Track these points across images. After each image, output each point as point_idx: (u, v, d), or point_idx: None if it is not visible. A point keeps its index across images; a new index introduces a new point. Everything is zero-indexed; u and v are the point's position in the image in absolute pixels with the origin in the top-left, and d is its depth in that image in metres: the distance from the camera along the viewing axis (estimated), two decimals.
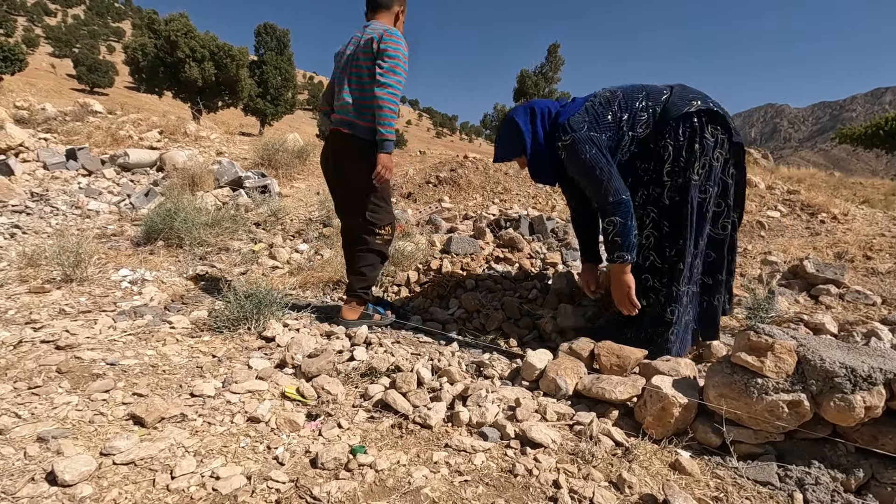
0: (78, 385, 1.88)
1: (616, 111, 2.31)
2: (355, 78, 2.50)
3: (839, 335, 2.74)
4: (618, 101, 2.33)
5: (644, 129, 2.31)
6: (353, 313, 2.72)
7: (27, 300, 2.74)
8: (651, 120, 2.31)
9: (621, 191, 2.20)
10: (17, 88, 14.43)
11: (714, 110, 2.28)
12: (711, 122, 2.27)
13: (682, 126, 2.25)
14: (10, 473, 1.36)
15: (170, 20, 24.28)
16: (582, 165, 2.24)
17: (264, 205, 5.15)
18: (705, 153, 2.25)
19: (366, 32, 2.50)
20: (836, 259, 4.10)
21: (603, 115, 2.30)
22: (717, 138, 2.27)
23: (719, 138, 2.27)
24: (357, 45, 2.51)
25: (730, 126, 2.30)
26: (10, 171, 5.60)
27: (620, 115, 2.30)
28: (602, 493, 1.47)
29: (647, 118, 2.31)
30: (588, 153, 2.21)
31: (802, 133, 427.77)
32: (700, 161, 2.25)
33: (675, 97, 2.32)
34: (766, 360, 1.68)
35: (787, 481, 1.61)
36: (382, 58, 2.39)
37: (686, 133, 2.25)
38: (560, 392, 2.08)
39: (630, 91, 2.36)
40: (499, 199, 6.00)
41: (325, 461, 1.52)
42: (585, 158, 2.22)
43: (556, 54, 29.23)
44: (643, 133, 2.31)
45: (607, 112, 2.30)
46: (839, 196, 6.97)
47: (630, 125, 2.30)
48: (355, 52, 2.50)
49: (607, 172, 2.20)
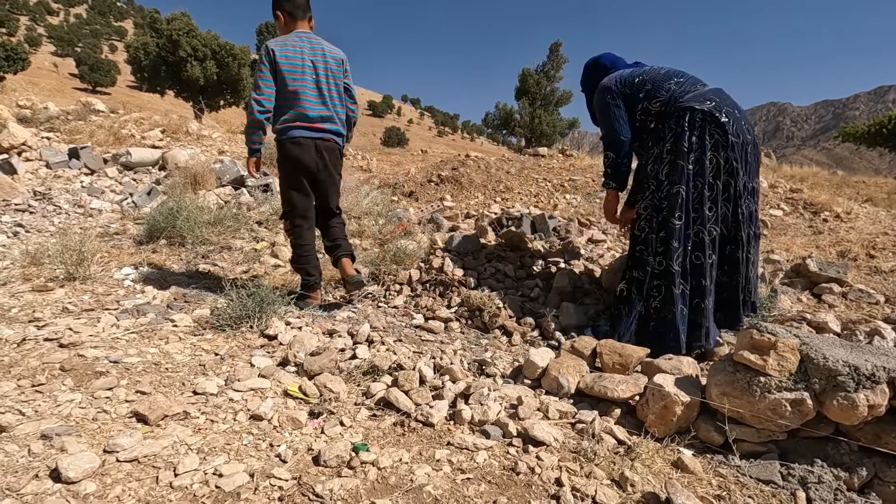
0: (81, 383, 1.89)
1: (643, 79, 2.60)
2: (336, 92, 2.82)
3: (842, 334, 2.73)
4: (652, 73, 2.62)
5: (657, 106, 2.54)
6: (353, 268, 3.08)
7: (30, 298, 2.75)
8: (665, 102, 2.52)
9: (621, 132, 2.61)
10: (20, 88, 14.47)
11: (716, 116, 2.39)
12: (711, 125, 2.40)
13: (686, 117, 2.42)
14: (15, 470, 1.37)
15: (172, 19, 24.31)
16: (599, 107, 2.70)
17: (266, 203, 5.15)
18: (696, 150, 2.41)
19: (326, 48, 2.78)
20: (839, 258, 4.09)
21: (632, 77, 2.63)
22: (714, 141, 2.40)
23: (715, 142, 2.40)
24: (325, 59, 2.76)
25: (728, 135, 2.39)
26: (13, 170, 5.61)
27: (643, 82, 2.59)
28: (604, 492, 1.47)
29: (665, 98, 2.53)
30: (605, 99, 2.65)
31: (805, 132, 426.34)
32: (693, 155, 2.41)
33: (696, 92, 2.50)
34: (769, 359, 1.68)
35: (790, 480, 1.61)
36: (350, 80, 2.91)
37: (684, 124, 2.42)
38: (562, 390, 2.08)
39: (671, 73, 2.62)
40: (500, 198, 6.00)
41: (328, 459, 1.53)
42: (601, 102, 2.67)
43: (558, 53, 29.17)
44: (656, 109, 2.55)
45: (636, 77, 2.63)
46: (842, 195, 6.95)
47: (646, 96, 2.56)
48: (331, 68, 2.77)
49: (614, 117, 2.61)
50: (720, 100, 2.46)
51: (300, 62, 2.69)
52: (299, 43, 2.70)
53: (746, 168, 2.47)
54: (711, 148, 2.40)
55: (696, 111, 2.40)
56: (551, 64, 29.19)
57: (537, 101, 28.89)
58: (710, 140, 2.39)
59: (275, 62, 2.63)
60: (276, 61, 2.63)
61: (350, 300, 3.16)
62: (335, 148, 2.89)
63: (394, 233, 4.24)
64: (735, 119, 2.43)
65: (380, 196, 5.65)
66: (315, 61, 2.72)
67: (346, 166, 8.92)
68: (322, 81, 2.74)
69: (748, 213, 2.50)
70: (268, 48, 2.65)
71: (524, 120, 28.76)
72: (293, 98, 2.70)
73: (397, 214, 4.99)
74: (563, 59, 29.31)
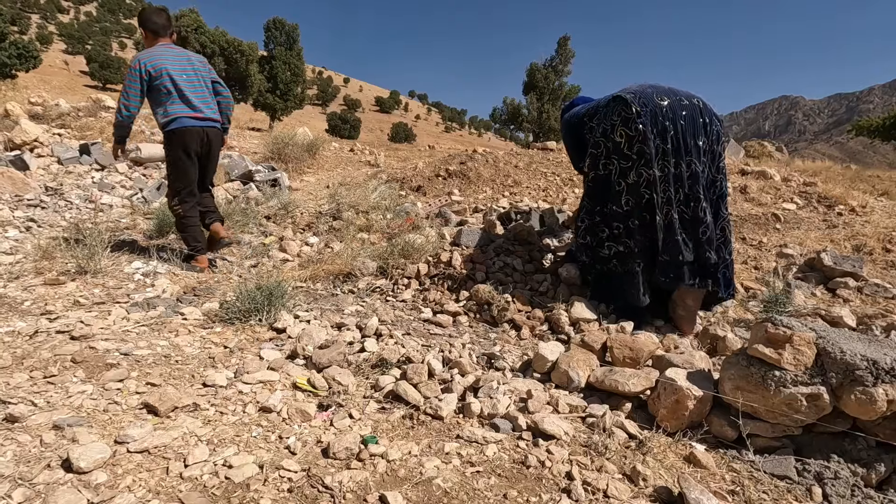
0: (92, 374, 1.90)
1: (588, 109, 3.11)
2: (207, 88, 3.39)
3: (858, 328, 2.68)
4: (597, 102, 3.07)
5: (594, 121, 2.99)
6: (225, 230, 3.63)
7: (42, 292, 2.77)
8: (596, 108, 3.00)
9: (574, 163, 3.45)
10: (32, 85, 14.63)
11: (621, 96, 2.74)
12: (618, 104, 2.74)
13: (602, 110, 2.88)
14: (27, 460, 1.38)
15: (180, 16, 24.40)
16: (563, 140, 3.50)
17: (274, 198, 5.16)
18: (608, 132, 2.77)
19: (189, 54, 3.38)
20: (855, 252, 4.01)
21: (581, 111, 3.18)
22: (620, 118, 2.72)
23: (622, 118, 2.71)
24: (192, 62, 3.32)
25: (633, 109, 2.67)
26: (25, 166, 5.67)
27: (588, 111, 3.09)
28: (616, 486, 1.45)
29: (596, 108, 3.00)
30: (563, 134, 3.45)
31: (818, 125, 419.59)
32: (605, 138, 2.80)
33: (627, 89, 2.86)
34: (785, 353, 1.65)
35: (806, 475, 1.58)
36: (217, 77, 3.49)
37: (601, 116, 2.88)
38: (572, 384, 2.06)
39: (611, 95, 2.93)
40: (509, 192, 5.96)
41: (337, 451, 1.52)
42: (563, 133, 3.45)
43: (567, 47, 28.86)
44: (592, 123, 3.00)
45: (584, 109, 3.17)
46: (857, 188, 6.82)
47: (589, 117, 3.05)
48: (197, 68, 3.33)
49: (569, 150, 3.46)
50: (632, 86, 2.85)
51: (173, 66, 3.20)
52: (165, 53, 3.23)
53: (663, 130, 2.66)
54: (621, 123, 2.71)
55: (609, 98, 2.83)
56: (559, 58, 28.89)
57: (545, 95, 28.64)
58: (617, 117, 2.73)
59: (146, 72, 3.13)
60: (148, 71, 3.13)
61: (215, 255, 3.67)
62: (217, 132, 3.44)
63: (402, 227, 4.23)
64: (643, 94, 2.72)
65: (388, 191, 5.64)
66: (183, 66, 3.26)
67: (353, 161, 8.93)
68: (194, 80, 3.28)
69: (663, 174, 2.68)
70: (138, 60, 3.14)
71: (532, 115, 28.54)
72: (172, 95, 3.20)
73: (405, 209, 4.98)
74: (572, 53, 28.99)
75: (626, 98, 2.71)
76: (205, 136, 3.32)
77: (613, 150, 2.75)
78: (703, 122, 2.71)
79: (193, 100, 3.25)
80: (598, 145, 2.84)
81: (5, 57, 23.52)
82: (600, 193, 2.87)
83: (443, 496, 1.40)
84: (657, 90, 2.76)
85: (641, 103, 2.67)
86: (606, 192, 2.83)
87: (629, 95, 2.72)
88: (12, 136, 6.39)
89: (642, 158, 2.66)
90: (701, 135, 2.70)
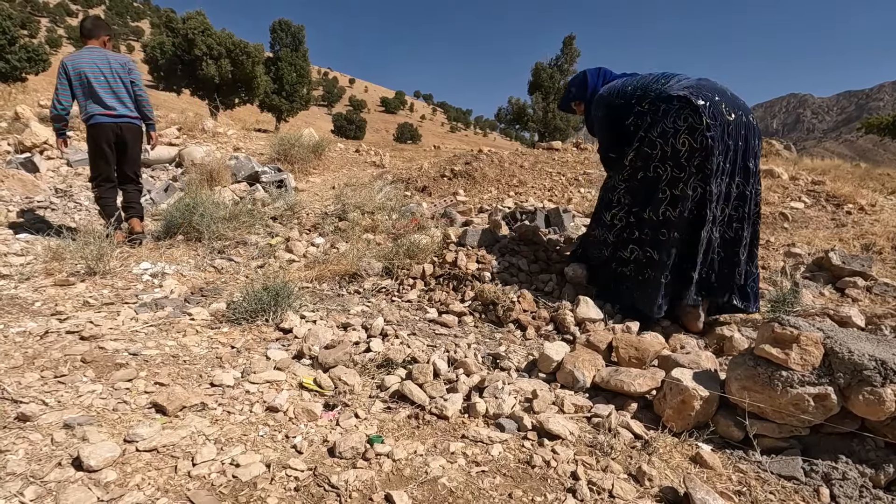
0: (102, 374, 1.92)
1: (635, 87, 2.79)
2: (123, 86, 3.75)
3: (867, 328, 2.66)
4: (642, 80, 2.80)
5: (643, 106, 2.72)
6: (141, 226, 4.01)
7: (53, 292, 2.80)
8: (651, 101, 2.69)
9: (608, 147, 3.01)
10: (42, 88, 14.78)
11: (692, 101, 2.49)
12: (686, 109, 2.50)
13: (662, 105, 2.60)
14: (39, 458, 1.40)
15: (187, 18, 24.55)
16: (595, 119, 3.03)
17: (280, 199, 5.19)
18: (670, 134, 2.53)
19: (109, 56, 3.72)
20: (864, 251, 3.98)
21: (624, 87, 2.84)
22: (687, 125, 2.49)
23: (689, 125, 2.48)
24: (109, 64, 3.68)
25: (703, 120, 2.45)
26: (35, 168, 5.74)
27: (634, 90, 2.78)
28: (621, 486, 1.45)
29: (651, 98, 2.69)
30: (599, 113, 2.95)
31: (827, 123, 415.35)
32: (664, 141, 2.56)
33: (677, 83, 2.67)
34: (792, 353, 1.64)
35: (813, 476, 1.57)
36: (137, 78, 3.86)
37: (660, 112, 2.59)
38: (577, 384, 2.06)
39: (660, 76, 2.80)
40: (514, 192, 5.96)
41: (343, 450, 1.53)
42: (597, 116, 2.98)
43: (572, 46, 28.76)
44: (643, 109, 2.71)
45: (628, 86, 2.82)
46: (866, 187, 6.75)
47: (637, 101, 2.74)
48: (115, 69, 3.69)
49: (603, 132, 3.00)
50: (699, 85, 2.60)
51: (89, 67, 3.61)
52: (85, 55, 3.66)
53: (723, 149, 2.51)
54: (686, 131, 2.49)
55: (673, 97, 2.56)
56: (565, 57, 28.80)
57: (551, 95, 28.56)
58: (683, 123, 2.50)
59: (68, 72, 3.57)
60: (68, 72, 3.57)
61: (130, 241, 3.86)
62: (132, 127, 3.81)
63: (407, 227, 4.24)
64: (714, 103, 2.50)
65: (393, 191, 5.65)
66: (101, 67, 3.65)
67: (359, 162, 8.95)
68: (110, 79, 3.67)
69: (717, 192, 2.56)
70: (63, 63, 3.61)
71: (537, 114, 28.47)
72: (91, 94, 3.62)
73: (410, 209, 4.99)
74: (577, 52, 28.89)
75: (697, 105, 2.46)
76: (118, 131, 3.73)
77: (671, 155, 2.54)
78: (755, 144, 2.62)
79: (105, 99, 3.66)
80: (655, 145, 2.58)
81: (15, 60, 23.79)
82: (644, 196, 2.68)
83: (448, 495, 1.40)
84: (725, 98, 2.56)
85: (712, 115, 2.45)
86: (650, 196, 2.64)
87: (701, 102, 2.46)
88: (23, 138, 6.46)
89: (700, 173, 2.48)
90: (752, 157, 2.62)
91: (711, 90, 2.56)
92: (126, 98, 3.76)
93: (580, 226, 4.45)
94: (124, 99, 3.74)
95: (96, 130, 3.69)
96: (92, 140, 3.74)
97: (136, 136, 3.89)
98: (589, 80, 3.11)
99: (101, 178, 3.84)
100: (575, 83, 3.20)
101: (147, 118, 3.96)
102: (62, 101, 3.60)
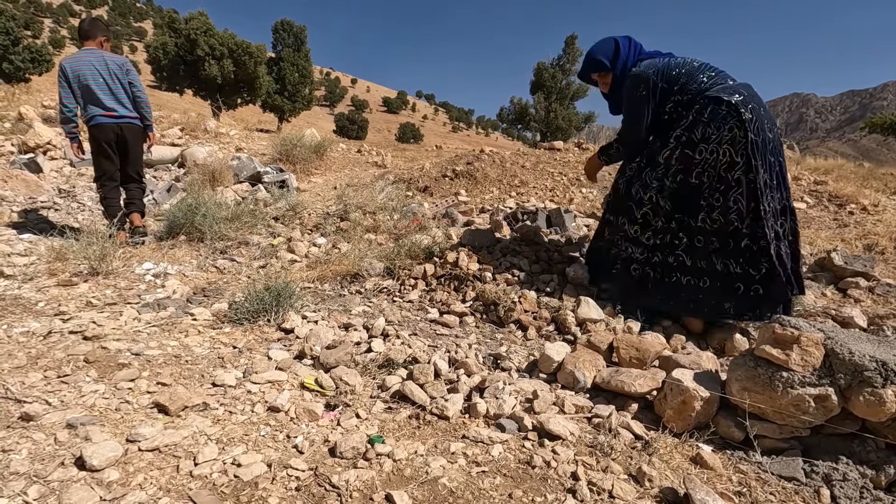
0: (105, 374, 1.93)
1: (680, 71, 2.54)
2: (121, 87, 3.83)
3: (869, 329, 2.65)
4: (687, 66, 2.56)
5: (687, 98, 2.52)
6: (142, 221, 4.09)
7: (56, 293, 2.82)
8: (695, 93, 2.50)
9: (632, 135, 2.69)
10: (45, 88, 14.83)
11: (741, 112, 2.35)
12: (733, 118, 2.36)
13: (709, 108, 2.41)
14: (42, 458, 1.41)
15: (189, 19, 24.60)
16: (629, 98, 2.62)
17: (282, 199, 5.20)
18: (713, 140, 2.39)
19: (106, 57, 3.79)
20: (866, 251, 3.97)
21: (669, 69, 2.55)
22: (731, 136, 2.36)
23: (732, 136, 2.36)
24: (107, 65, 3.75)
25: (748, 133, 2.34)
26: (38, 169, 5.76)
27: (679, 75, 2.54)
28: (621, 486, 1.46)
29: (695, 90, 2.50)
30: (639, 93, 2.55)
31: (830, 123, 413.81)
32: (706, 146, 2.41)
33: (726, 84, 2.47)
34: (792, 354, 1.64)
35: (814, 477, 1.57)
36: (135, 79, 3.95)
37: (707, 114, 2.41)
38: (578, 385, 2.06)
39: (704, 66, 2.58)
40: (516, 193, 5.96)
41: (344, 450, 1.54)
42: (634, 94, 2.58)
43: (574, 45, 28.75)
44: (683, 100, 2.53)
45: (673, 69, 2.55)
46: (869, 187, 6.73)
47: (681, 89, 2.52)
48: (112, 70, 3.77)
49: (641, 116, 2.60)
50: (748, 94, 2.42)
51: (87, 70, 3.69)
52: (83, 57, 3.73)
53: (766, 166, 2.41)
54: (728, 141, 2.37)
55: (723, 101, 2.38)
56: (567, 57, 28.77)
57: (553, 95, 28.55)
58: (728, 133, 2.36)
59: (67, 75, 3.65)
60: (67, 75, 3.66)
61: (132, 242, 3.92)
62: (133, 127, 3.89)
63: (408, 227, 4.25)
64: (759, 117, 2.38)
65: (394, 191, 5.66)
66: (99, 69, 3.72)
67: (360, 162, 8.96)
68: (109, 81, 3.75)
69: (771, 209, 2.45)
70: (61, 66, 3.69)
71: (539, 114, 28.46)
72: (91, 96, 3.71)
73: (412, 209, 4.99)
74: (579, 52, 28.83)
75: (743, 117, 2.33)
76: (119, 131, 3.82)
77: (712, 163, 2.42)
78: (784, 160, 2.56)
79: (105, 101, 3.76)
80: (700, 150, 2.43)
81: (19, 61, 23.90)
82: (688, 202, 2.52)
83: (448, 495, 1.41)
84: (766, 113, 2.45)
85: (756, 130, 2.35)
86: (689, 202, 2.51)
87: (748, 116, 2.33)
88: (26, 139, 6.49)
89: (741, 188, 2.39)
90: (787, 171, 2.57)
91: (758, 103, 2.44)
92: (125, 99, 3.86)
93: (581, 226, 4.45)
94: (123, 100, 3.85)
95: (97, 131, 3.79)
96: (94, 140, 3.84)
97: (137, 136, 3.99)
98: (621, 50, 2.65)
99: (104, 177, 3.93)
100: (602, 50, 2.70)
101: (145, 119, 4.03)
102: (66, 103, 3.70)
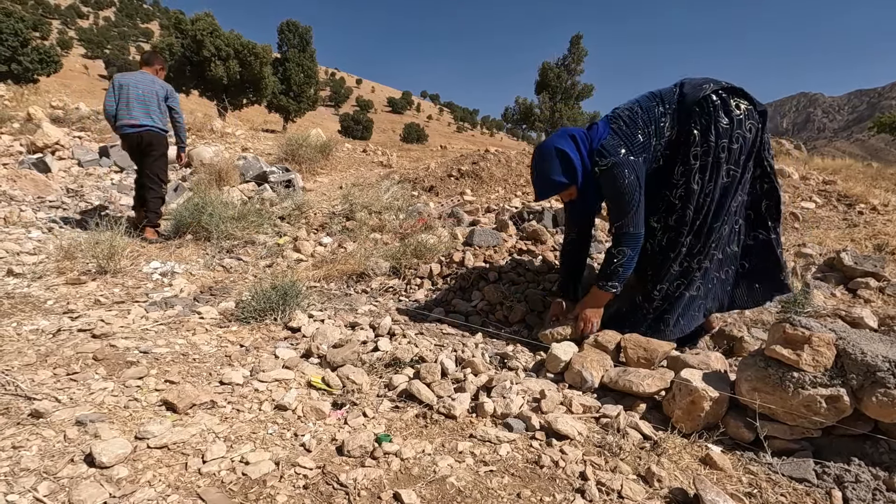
0: (113, 372, 1.94)
1: (643, 127, 2.25)
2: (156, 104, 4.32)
3: (879, 330, 2.62)
4: (640, 117, 2.26)
5: (669, 132, 2.28)
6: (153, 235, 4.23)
7: (64, 291, 2.84)
8: (673, 121, 2.27)
9: (640, 225, 2.24)
10: (53, 89, 14.96)
11: (732, 85, 2.26)
12: (734, 95, 2.25)
13: (705, 106, 2.23)
14: (52, 455, 1.42)
15: (196, 20, 24.74)
16: (617, 189, 2.20)
17: (288, 199, 5.22)
18: (736, 127, 2.21)
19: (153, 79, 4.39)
20: (876, 251, 3.92)
21: (633, 136, 2.24)
22: (744, 109, 2.23)
23: (745, 109, 2.24)
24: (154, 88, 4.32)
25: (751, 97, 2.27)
26: (47, 168, 5.81)
27: (647, 130, 2.25)
28: (630, 486, 1.45)
29: (669, 121, 2.27)
30: (627, 178, 2.18)
31: (837, 123, 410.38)
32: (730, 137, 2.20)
33: (687, 89, 2.29)
34: (803, 354, 1.62)
35: (825, 478, 1.56)
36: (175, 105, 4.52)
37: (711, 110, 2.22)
38: (585, 384, 2.05)
39: (646, 103, 2.31)
40: (521, 192, 5.94)
41: (351, 449, 1.54)
42: (623, 184, 2.18)
43: (579, 45, 28.67)
44: (670, 136, 2.29)
45: (636, 132, 2.24)
46: (878, 186, 6.66)
47: (657, 135, 2.26)
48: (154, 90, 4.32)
49: (636, 203, 2.20)
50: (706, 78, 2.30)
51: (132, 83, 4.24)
52: (134, 76, 4.34)
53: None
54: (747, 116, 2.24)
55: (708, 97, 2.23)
56: (572, 57, 28.72)
57: (557, 94, 28.50)
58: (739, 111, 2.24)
59: (114, 85, 4.25)
60: (114, 84, 4.26)
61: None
62: (152, 133, 4.28)
63: (414, 227, 4.25)
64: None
65: (400, 191, 5.66)
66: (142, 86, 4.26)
67: (366, 162, 8.97)
68: (147, 96, 4.27)
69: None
70: (114, 77, 4.33)
71: (544, 114, 28.41)
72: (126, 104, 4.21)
73: (417, 209, 4.99)
74: (584, 51, 28.79)
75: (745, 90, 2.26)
76: (139, 140, 4.25)
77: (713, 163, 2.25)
78: None
79: (134, 111, 4.23)
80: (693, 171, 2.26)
81: (28, 62, 24.12)
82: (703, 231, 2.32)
83: (456, 494, 1.40)
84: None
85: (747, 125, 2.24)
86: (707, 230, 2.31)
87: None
88: (35, 139, 6.55)
89: None
90: None
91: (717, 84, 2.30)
92: (155, 113, 4.32)
93: None
94: (152, 113, 4.30)
95: (123, 137, 4.31)
96: (123, 143, 4.45)
97: (157, 140, 4.34)
98: (572, 158, 2.26)
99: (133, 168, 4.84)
100: (553, 169, 2.29)
101: (181, 141, 4.63)
102: (107, 106, 4.26)
